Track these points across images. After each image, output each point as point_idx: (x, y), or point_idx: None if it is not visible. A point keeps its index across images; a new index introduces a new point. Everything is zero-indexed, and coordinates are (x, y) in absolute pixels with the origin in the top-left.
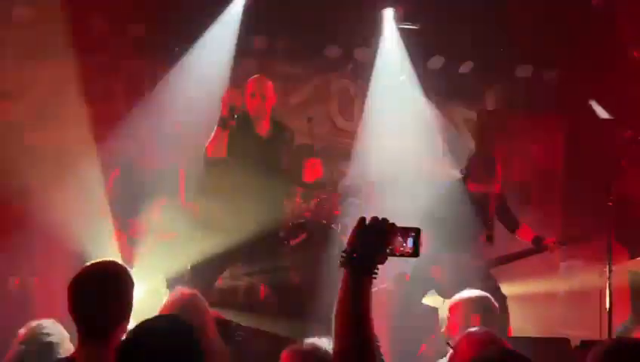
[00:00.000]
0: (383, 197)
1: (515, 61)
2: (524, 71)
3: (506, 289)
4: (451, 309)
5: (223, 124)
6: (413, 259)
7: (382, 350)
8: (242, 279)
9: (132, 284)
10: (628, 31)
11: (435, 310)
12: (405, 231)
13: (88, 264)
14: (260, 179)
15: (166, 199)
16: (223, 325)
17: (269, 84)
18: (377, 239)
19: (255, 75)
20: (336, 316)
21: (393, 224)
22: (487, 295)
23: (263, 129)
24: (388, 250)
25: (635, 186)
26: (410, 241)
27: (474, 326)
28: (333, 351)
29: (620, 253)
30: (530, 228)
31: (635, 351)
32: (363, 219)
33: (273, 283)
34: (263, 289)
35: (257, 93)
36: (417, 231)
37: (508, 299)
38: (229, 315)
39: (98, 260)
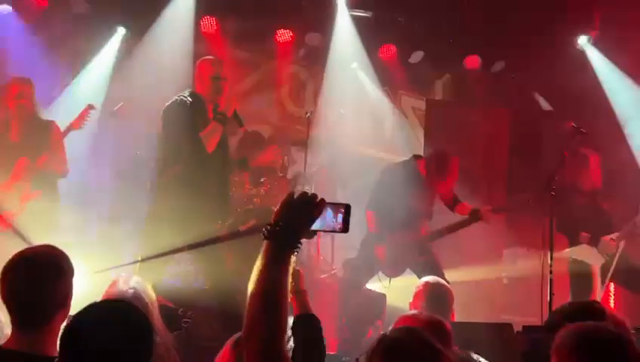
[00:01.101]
0: (334, 183)
1: (464, 52)
2: (472, 62)
3: (451, 275)
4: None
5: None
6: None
7: (328, 335)
8: (188, 266)
9: (71, 270)
10: (573, 24)
11: (382, 295)
12: (335, 208)
13: (22, 249)
14: (219, 167)
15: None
16: (169, 312)
17: (223, 64)
18: (304, 214)
19: (209, 57)
20: (252, 286)
21: (322, 199)
22: (440, 282)
23: (210, 113)
24: (316, 225)
25: (576, 176)
26: (339, 217)
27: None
28: (244, 324)
29: (561, 242)
30: (467, 203)
31: (599, 335)
32: (291, 194)
33: (212, 268)
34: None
35: (221, 75)
36: (347, 207)
37: (453, 285)
38: (176, 301)
39: (33, 245)
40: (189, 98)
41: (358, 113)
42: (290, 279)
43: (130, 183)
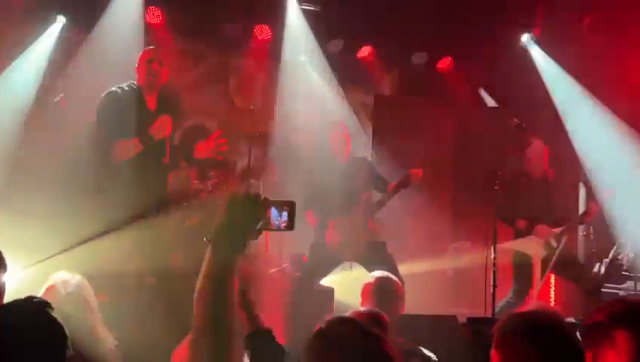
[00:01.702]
0: (284, 177)
1: (412, 48)
2: (419, 58)
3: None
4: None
5: (146, 141)
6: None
7: (276, 332)
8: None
9: (4, 266)
10: (516, 22)
11: (330, 290)
12: (280, 205)
13: None
14: (155, 158)
15: None
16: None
17: (164, 56)
18: (248, 214)
19: (150, 47)
20: (197, 295)
21: (266, 198)
22: (390, 276)
23: (163, 122)
24: (262, 225)
25: (527, 163)
26: (284, 215)
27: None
28: (192, 328)
29: (505, 234)
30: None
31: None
32: (234, 195)
33: (158, 266)
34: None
35: (155, 60)
36: (292, 204)
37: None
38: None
39: None
40: (124, 88)
41: (306, 107)
42: (237, 285)
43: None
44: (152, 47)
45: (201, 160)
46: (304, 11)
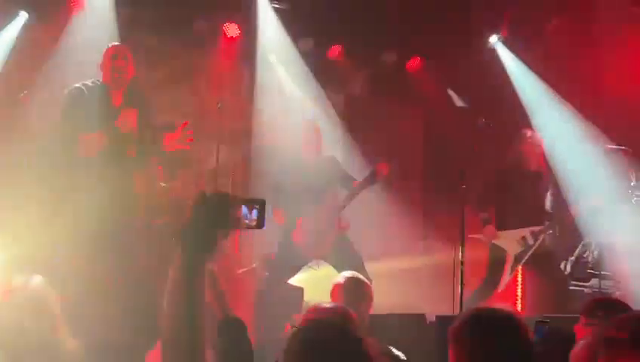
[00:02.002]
0: (253, 177)
1: (381, 47)
2: (389, 58)
3: (367, 268)
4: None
5: (111, 133)
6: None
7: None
8: (99, 263)
9: None
10: (483, 20)
11: (299, 289)
12: (250, 203)
13: None
14: (122, 152)
15: None
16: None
17: (130, 52)
18: (217, 213)
19: (115, 43)
20: (167, 296)
21: (235, 196)
22: (358, 276)
23: (127, 115)
24: (231, 224)
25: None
26: (254, 213)
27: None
28: (163, 332)
29: (474, 231)
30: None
31: (484, 317)
32: (203, 194)
33: (126, 266)
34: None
35: (120, 56)
36: (262, 202)
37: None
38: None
39: None
40: (88, 85)
41: (276, 106)
42: (208, 282)
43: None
44: (116, 43)
45: (169, 153)
46: (274, 10)
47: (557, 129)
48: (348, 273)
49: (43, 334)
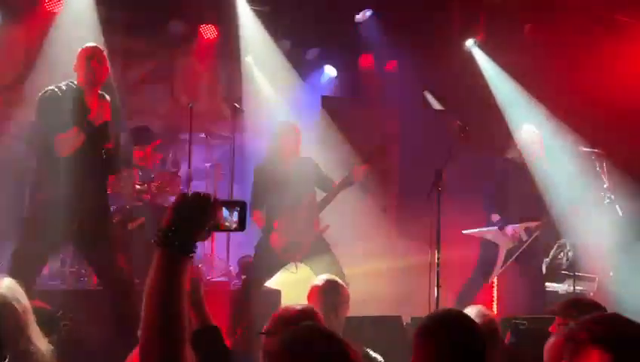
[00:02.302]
0: (229, 179)
1: (358, 50)
2: (366, 60)
3: (346, 270)
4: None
5: (87, 128)
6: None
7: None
8: (73, 265)
9: None
10: (460, 24)
11: (277, 291)
12: (231, 205)
13: None
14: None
15: None
16: (45, 315)
17: (104, 53)
18: (198, 215)
19: (91, 44)
20: (146, 299)
21: (216, 198)
22: (336, 279)
23: (100, 107)
24: (212, 226)
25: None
26: (235, 215)
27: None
28: (140, 337)
29: (451, 235)
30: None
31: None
32: (184, 195)
33: (103, 268)
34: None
35: (95, 58)
36: (243, 204)
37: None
38: (55, 303)
39: None
40: (62, 87)
41: (253, 108)
42: (188, 287)
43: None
44: (91, 44)
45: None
46: (253, 11)
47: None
48: (326, 276)
49: (12, 337)
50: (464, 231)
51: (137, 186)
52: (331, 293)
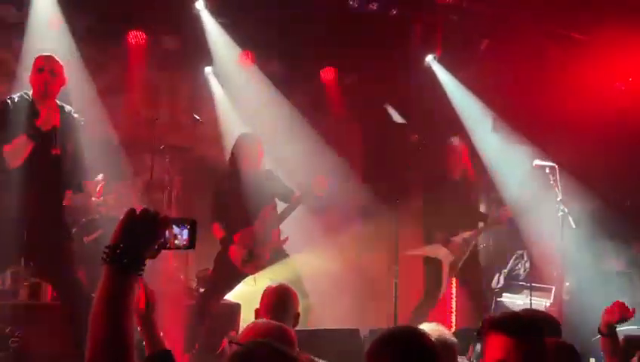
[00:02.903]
0: (190, 192)
1: (320, 63)
2: (327, 73)
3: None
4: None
5: (35, 135)
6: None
7: (178, 348)
8: (27, 279)
9: None
10: (419, 39)
11: (237, 305)
12: (180, 223)
13: None
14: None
15: None
16: None
17: (60, 63)
18: (146, 232)
19: (44, 53)
20: (93, 319)
21: (166, 216)
22: (286, 286)
23: (48, 113)
24: (161, 244)
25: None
26: (185, 233)
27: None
28: (87, 353)
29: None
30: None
31: (398, 337)
32: (132, 212)
33: (60, 282)
34: (50, 290)
35: (46, 68)
36: (193, 222)
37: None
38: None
39: None
40: (15, 99)
41: (212, 120)
42: (135, 305)
43: None
44: (45, 54)
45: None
46: (215, 23)
47: (490, 143)
48: (275, 283)
49: None
50: (406, 253)
51: (94, 199)
52: (280, 300)
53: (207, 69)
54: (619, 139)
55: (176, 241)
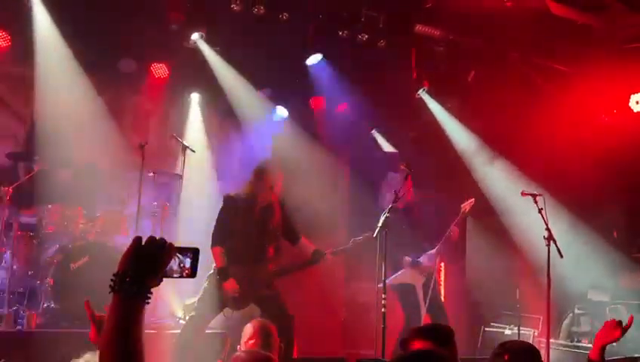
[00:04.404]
0: (178, 218)
1: (308, 92)
2: (317, 102)
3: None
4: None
5: None
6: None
7: None
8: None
9: None
10: (416, 71)
11: (224, 334)
12: (183, 252)
13: None
14: None
15: None
16: None
17: None
18: (153, 260)
19: None
20: (104, 347)
21: (171, 244)
22: (266, 322)
23: None
24: (165, 273)
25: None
26: (187, 262)
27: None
28: None
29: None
30: (309, 240)
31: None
32: (138, 239)
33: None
34: (33, 317)
35: None
36: (196, 251)
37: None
38: None
39: None
40: None
41: (202, 146)
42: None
43: None
44: None
45: None
46: (208, 50)
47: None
48: (258, 319)
49: None
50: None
51: (81, 225)
52: (265, 334)
53: (194, 95)
54: (606, 169)
55: (178, 269)
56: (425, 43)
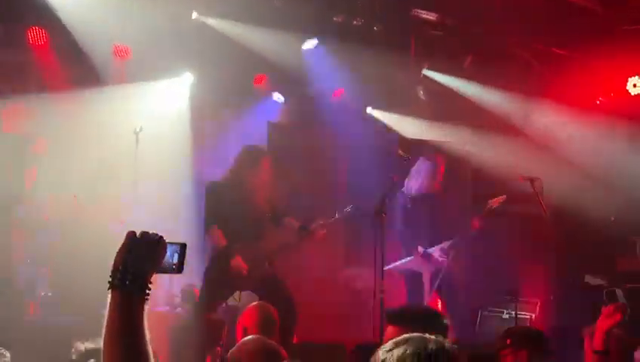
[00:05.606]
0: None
1: (305, 80)
2: (315, 88)
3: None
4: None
5: None
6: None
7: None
8: None
9: None
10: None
11: (221, 321)
12: (172, 247)
13: None
14: None
15: None
16: None
17: None
18: (150, 255)
19: None
20: (110, 347)
21: (161, 237)
22: (267, 305)
23: None
24: (161, 267)
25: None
26: (175, 257)
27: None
28: None
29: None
30: (294, 219)
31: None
32: (133, 234)
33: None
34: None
35: None
36: (183, 246)
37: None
38: None
39: None
40: None
41: (200, 136)
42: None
43: None
44: None
45: None
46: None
47: None
48: (257, 302)
49: None
50: (385, 268)
51: None
52: (265, 318)
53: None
54: (604, 153)
55: (166, 264)
56: (421, 28)
